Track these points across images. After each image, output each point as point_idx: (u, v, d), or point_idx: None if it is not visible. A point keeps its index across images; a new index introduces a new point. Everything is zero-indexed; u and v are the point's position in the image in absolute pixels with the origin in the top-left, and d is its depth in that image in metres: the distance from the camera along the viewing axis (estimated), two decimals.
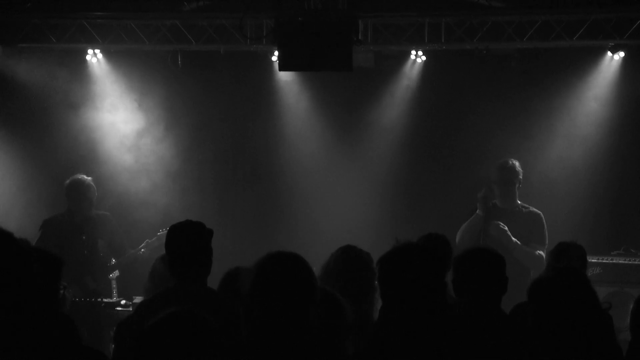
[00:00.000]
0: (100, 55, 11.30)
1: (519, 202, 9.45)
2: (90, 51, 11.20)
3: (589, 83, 11.07)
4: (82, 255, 9.91)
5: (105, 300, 9.28)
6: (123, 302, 9.21)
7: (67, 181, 10.11)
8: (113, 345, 6.03)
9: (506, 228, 9.09)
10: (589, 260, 9.67)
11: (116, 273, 9.96)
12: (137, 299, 8.22)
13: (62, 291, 4.31)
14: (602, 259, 10.15)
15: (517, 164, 9.44)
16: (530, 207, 9.43)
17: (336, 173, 11.70)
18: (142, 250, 10.11)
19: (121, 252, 10.14)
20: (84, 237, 10.00)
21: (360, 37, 10.08)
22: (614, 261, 10.17)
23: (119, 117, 11.57)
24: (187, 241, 5.62)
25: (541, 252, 9.08)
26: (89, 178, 10.12)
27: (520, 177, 9.45)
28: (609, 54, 10.83)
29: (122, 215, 10.91)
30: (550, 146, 11.25)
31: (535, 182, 10.91)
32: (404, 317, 4.05)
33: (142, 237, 10.37)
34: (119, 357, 5.69)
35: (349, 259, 6.04)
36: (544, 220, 9.29)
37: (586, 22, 10.27)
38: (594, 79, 11.04)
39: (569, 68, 11.03)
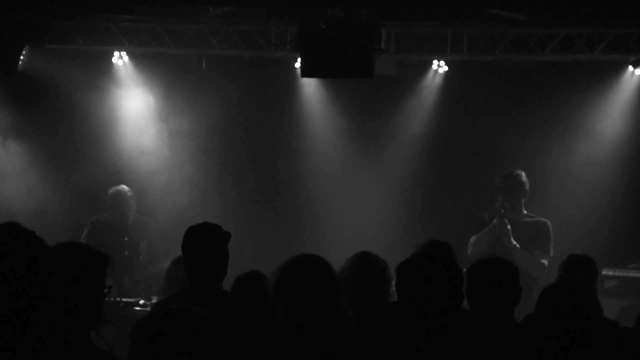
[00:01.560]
0: (126, 58, 11.37)
1: (525, 212, 9.42)
2: (116, 53, 11.28)
3: (609, 97, 11.05)
4: (123, 256, 10.15)
5: (124, 299, 9.39)
6: (142, 302, 9.30)
7: (110, 191, 10.39)
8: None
9: (509, 227, 9.08)
10: (606, 273, 9.76)
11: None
12: (155, 299, 8.30)
13: (107, 290, 4.31)
14: (619, 272, 10.14)
15: (522, 174, 9.40)
16: (538, 216, 9.40)
17: (356, 180, 11.73)
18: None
19: (155, 258, 10.30)
20: (126, 239, 10.24)
21: (382, 46, 10.14)
22: (630, 274, 10.15)
23: (143, 120, 11.67)
24: (203, 243, 5.62)
25: (543, 261, 9.05)
26: (129, 190, 10.32)
27: (526, 187, 9.37)
28: (631, 68, 10.82)
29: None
30: (569, 159, 11.23)
31: (553, 194, 10.91)
32: (417, 324, 4.09)
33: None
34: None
35: (363, 264, 6.09)
36: (551, 230, 9.21)
37: (608, 36, 10.29)
38: (615, 93, 11.03)
39: (589, 82, 11.02)
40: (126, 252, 10.24)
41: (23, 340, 3.42)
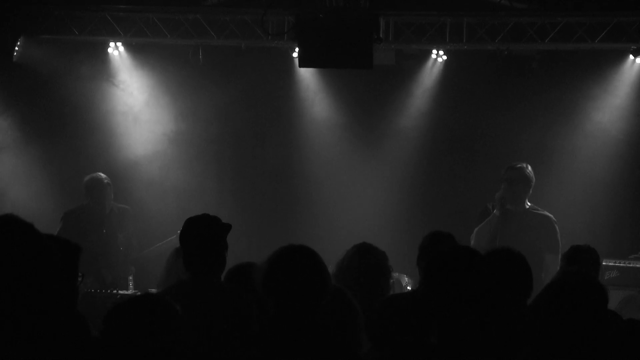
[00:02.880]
0: (121, 48, 11.33)
1: (530, 204, 9.34)
2: (111, 44, 11.23)
3: (610, 86, 11.02)
4: (100, 248, 10.00)
5: (120, 292, 9.32)
6: (138, 294, 9.23)
7: (86, 179, 10.22)
8: None
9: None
10: (607, 263, 9.71)
11: (132, 270, 10.08)
12: (152, 292, 8.24)
13: (80, 279, 4.30)
14: (620, 263, 10.09)
15: (528, 167, 9.30)
16: (542, 210, 9.31)
17: (354, 170, 11.70)
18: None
19: (129, 249, 10.23)
20: (104, 230, 10.11)
21: (381, 35, 10.08)
22: (631, 265, 10.10)
23: (138, 110, 11.61)
24: (202, 235, 5.55)
25: (554, 260, 8.92)
26: (106, 177, 10.20)
27: (530, 181, 9.25)
28: (631, 57, 10.78)
29: (139, 209, 10.94)
30: (571, 149, 11.20)
31: (555, 184, 10.87)
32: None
33: (158, 230, 10.43)
34: None
35: (363, 256, 6.04)
36: (556, 225, 9.16)
37: (608, 24, 10.24)
38: (616, 82, 11.00)
39: (590, 71, 10.99)
40: (104, 245, 10.08)
41: (24, 335, 3.36)
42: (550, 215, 9.23)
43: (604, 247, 9.43)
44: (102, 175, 10.23)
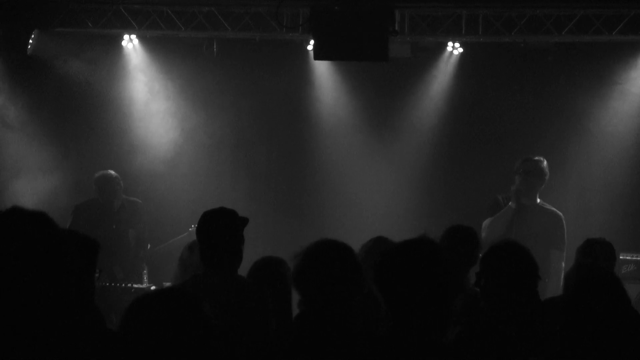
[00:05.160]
0: (136, 41, 11.32)
1: (540, 199, 9.30)
2: (126, 37, 11.22)
3: (628, 79, 10.96)
4: (111, 244, 9.97)
5: (135, 286, 9.33)
6: (153, 288, 9.23)
7: (96, 175, 10.25)
8: None
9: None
10: (624, 257, 9.67)
11: (144, 267, 10.09)
12: (167, 285, 8.23)
13: (97, 275, 4.28)
14: (636, 257, 10.05)
15: (544, 161, 9.26)
16: (552, 207, 9.28)
17: (369, 163, 11.66)
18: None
19: (141, 245, 10.21)
20: (113, 226, 10.09)
21: (396, 28, 10.03)
22: None
23: (153, 104, 11.60)
24: (219, 228, 5.55)
25: (559, 257, 8.90)
26: (116, 174, 10.20)
27: (545, 176, 9.22)
28: None
29: (153, 203, 10.93)
30: (587, 142, 11.15)
31: (572, 178, 10.84)
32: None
33: (173, 226, 10.43)
34: None
35: (380, 250, 6.00)
36: (565, 223, 9.14)
37: (626, 16, 10.18)
38: (634, 74, 10.94)
39: (607, 63, 10.93)
40: (114, 241, 10.03)
41: (39, 329, 3.33)
42: (559, 212, 9.22)
43: (620, 240, 9.40)
44: (112, 172, 10.24)
